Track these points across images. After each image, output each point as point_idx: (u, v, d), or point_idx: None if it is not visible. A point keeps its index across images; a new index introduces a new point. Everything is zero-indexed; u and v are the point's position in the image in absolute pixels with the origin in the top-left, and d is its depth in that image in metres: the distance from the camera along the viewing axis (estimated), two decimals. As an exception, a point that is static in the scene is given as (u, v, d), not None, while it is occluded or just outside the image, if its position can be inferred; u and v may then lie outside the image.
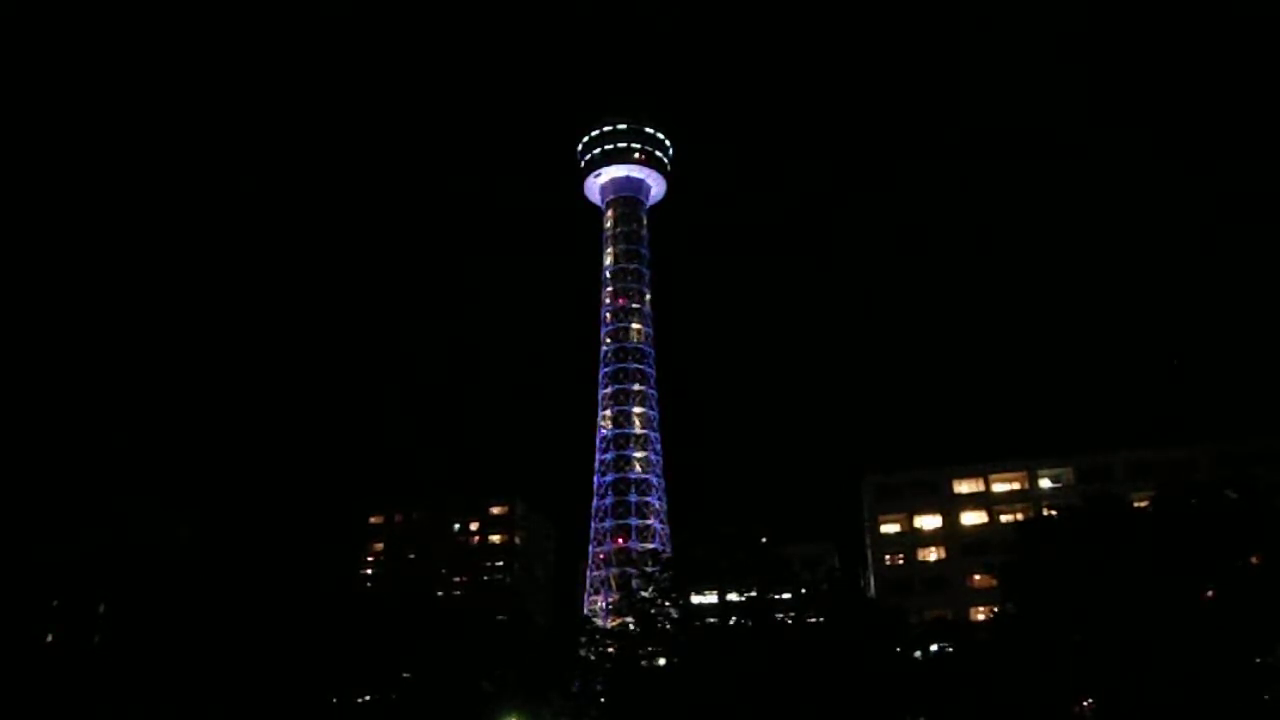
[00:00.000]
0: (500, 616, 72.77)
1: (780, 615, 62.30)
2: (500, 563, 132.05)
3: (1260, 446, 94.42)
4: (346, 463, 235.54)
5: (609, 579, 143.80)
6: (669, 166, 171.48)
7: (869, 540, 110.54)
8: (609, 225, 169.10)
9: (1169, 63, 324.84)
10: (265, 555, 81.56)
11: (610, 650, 65.86)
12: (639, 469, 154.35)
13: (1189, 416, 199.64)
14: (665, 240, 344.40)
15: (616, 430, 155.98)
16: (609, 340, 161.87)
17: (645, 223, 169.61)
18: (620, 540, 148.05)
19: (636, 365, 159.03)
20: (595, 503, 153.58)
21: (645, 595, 66.48)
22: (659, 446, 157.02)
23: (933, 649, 67.57)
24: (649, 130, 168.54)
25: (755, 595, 62.54)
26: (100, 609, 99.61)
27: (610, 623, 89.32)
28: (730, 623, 62.13)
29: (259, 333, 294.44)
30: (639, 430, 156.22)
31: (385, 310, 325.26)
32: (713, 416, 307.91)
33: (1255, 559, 54.42)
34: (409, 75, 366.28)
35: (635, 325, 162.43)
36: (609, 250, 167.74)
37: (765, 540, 69.45)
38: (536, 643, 68.37)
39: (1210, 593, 53.67)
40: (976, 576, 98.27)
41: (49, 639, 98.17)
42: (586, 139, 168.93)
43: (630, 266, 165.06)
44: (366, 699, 66.16)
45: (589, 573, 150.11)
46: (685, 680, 58.98)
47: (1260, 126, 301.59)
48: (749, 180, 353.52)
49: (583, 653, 66.19)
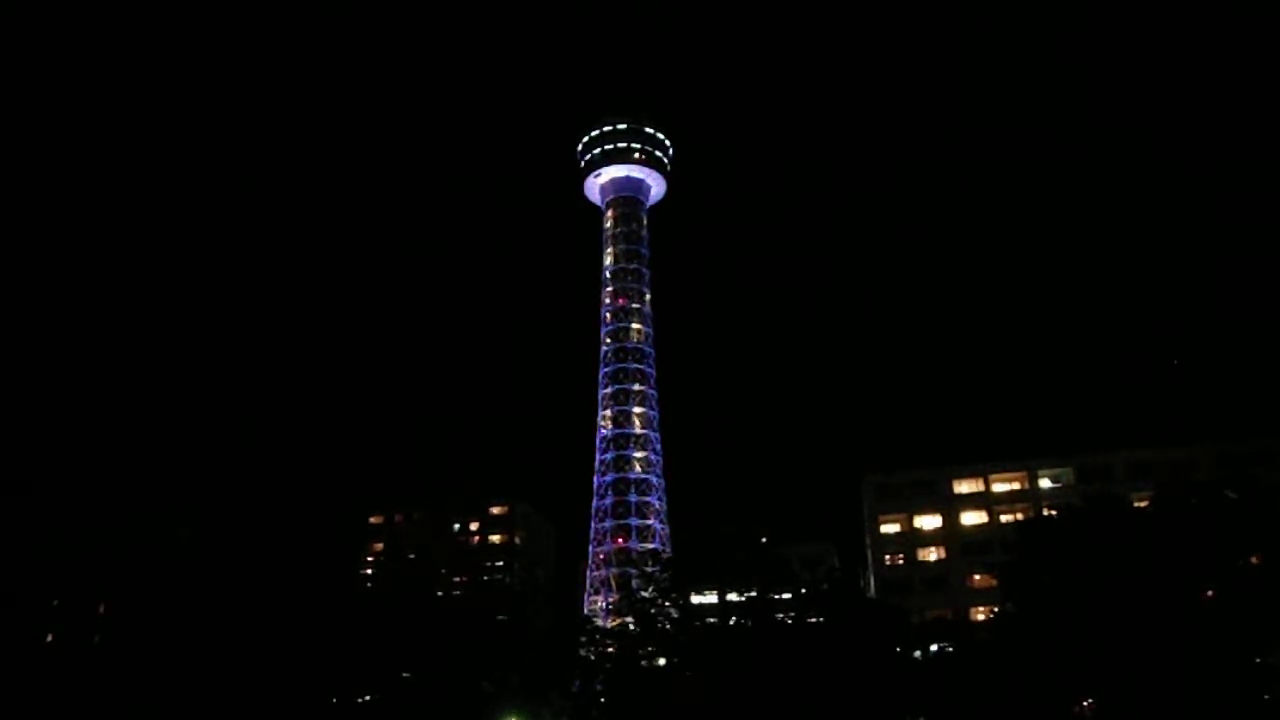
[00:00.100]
0: (500, 616, 72.64)
1: (780, 615, 62.23)
2: (500, 563, 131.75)
3: (1260, 446, 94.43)
4: (346, 463, 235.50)
5: (609, 579, 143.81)
6: (669, 166, 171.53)
7: (869, 540, 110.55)
8: (609, 225, 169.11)
9: (1169, 63, 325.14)
10: (265, 556, 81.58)
11: (610, 650, 65.80)
12: (639, 469, 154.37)
13: (1189, 416, 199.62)
14: (665, 240, 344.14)
15: (616, 430, 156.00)
16: (609, 340, 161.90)
17: (645, 223, 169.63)
18: (620, 540, 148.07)
19: (636, 365, 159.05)
20: (595, 503, 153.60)
21: (645, 595, 66.47)
22: (659, 446, 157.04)
23: (933, 649, 67.60)
24: (649, 130, 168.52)
25: (755, 595, 62.48)
26: (100, 609, 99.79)
27: (610, 623, 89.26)
28: (730, 623, 62.11)
29: (258, 333, 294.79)
30: (639, 430, 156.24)
31: (385, 310, 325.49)
32: (713, 416, 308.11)
33: (1255, 559, 54.48)
34: (409, 75, 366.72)
35: (635, 325, 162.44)
36: (609, 250, 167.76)
37: (765, 540, 69.49)
38: (536, 643, 68.30)
39: (1210, 593, 53.70)
40: (976, 576, 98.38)
41: (49, 639, 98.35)
42: (586, 139, 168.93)
43: (630, 266, 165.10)
44: (366, 699, 66.14)
45: (589, 573, 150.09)
46: (685, 680, 59.01)
47: (1260, 126, 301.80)
48: (749, 180, 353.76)
49: (583, 653, 66.13)
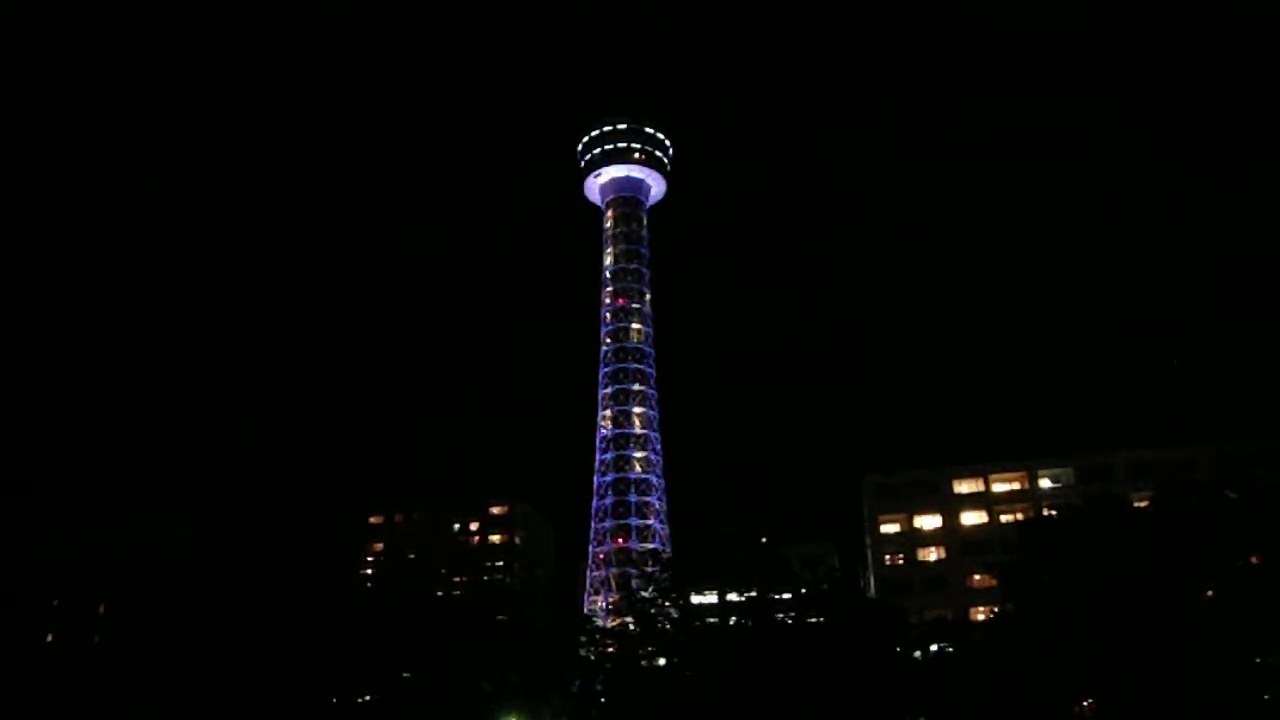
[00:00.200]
0: (500, 616, 72.66)
1: (780, 615, 62.22)
2: (500, 563, 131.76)
3: (1260, 446, 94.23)
4: (346, 463, 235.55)
5: (609, 579, 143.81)
6: (669, 166, 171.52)
7: (869, 540, 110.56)
8: (609, 225, 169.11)
9: (1169, 63, 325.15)
10: (265, 556, 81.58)
11: (610, 650, 65.80)
12: (639, 469, 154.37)
13: (1189, 416, 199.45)
14: (665, 240, 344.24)
15: (616, 430, 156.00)
16: (609, 340, 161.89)
17: (645, 223, 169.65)
18: (620, 540, 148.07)
19: (636, 365, 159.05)
20: (595, 503, 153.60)
21: (645, 595, 66.46)
22: (659, 446, 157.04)
23: (933, 649, 67.54)
24: (649, 130, 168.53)
25: (755, 595, 62.45)
26: (100, 609, 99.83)
27: (610, 623, 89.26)
28: (730, 623, 62.10)
29: (258, 333, 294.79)
30: (639, 430, 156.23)
31: (385, 310, 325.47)
32: (713, 416, 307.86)
33: (1255, 559, 54.44)
34: (409, 75, 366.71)
35: (635, 325, 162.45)
36: (609, 250, 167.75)
37: (765, 540, 69.47)
38: (536, 643, 68.30)
39: (1210, 593, 53.68)
40: (976, 576, 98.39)
41: (49, 639, 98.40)
42: (586, 139, 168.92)
43: (630, 266, 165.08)
44: (366, 699, 66.15)
45: (589, 573, 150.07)
46: (685, 680, 59.00)
47: (1260, 126, 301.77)
48: (749, 180, 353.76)
49: (583, 653, 66.13)
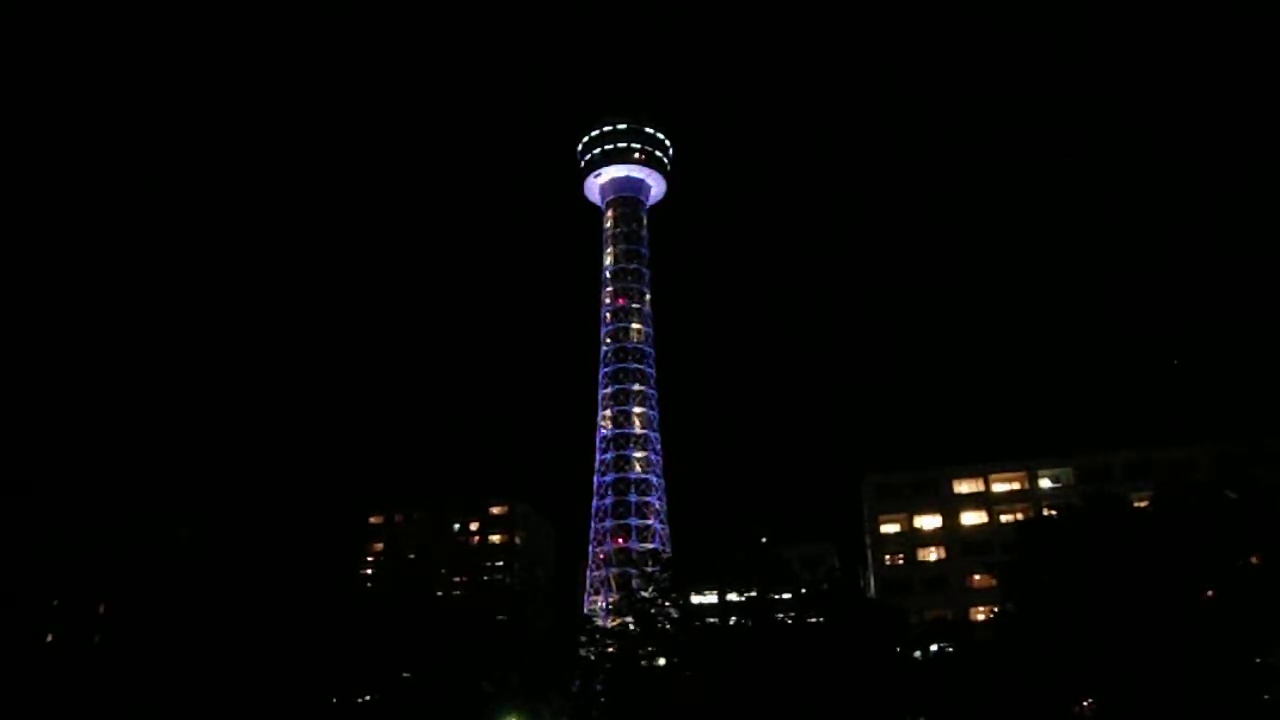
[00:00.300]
0: (500, 616, 72.67)
1: (780, 615, 62.23)
2: (500, 563, 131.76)
3: (1260, 446, 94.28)
4: (346, 463, 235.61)
5: (609, 579, 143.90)
6: (669, 166, 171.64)
7: (869, 540, 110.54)
8: (609, 225, 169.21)
9: (1169, 63, 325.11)
10: (265, 555, 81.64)
11: (610, 650, 65.82)
12: (639, 469, 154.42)
13: (1189, 416, 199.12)
14: (665, 240, 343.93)
15: (616, 430, 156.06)
16: (609, 340, 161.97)
17: (645, 223, 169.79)
18: (620, 540, 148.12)
19: (636, 365, 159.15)
20: (595, 503, 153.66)
21: (645, 595, 66.50)
22: (659, 446, 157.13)
23: (933, 649, 67.53)
24: (649, 130, 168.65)
25: (755, 595, 62.47)
26: (100, 609, 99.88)
27: (610, 623, 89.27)
28: (730, 623, 62.12)
29: (258, 333, 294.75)
30: (639, 430, 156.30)
31: (385, 310, 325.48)
32: (713, 416, 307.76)
33: (1255, 559, 54.44)
34: (409, 75, 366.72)
35: (635, 325, 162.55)
36: (609, 250, 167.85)
37: (765, 540, 69.55)
38: (536, 643, 68.30)
39: (1210, 593, 53.68)
40: (976, 576, 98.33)
41: (49, 639, 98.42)
42: (586, 139, 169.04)
43: (630, 266, 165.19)
44: (366, 699, 66.16)
45: (589, 573, 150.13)
46: (685, 680, 59.01)
47: (1260, 126, 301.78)
48: (749, 180, 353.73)
49: (583, 653, 66.13)
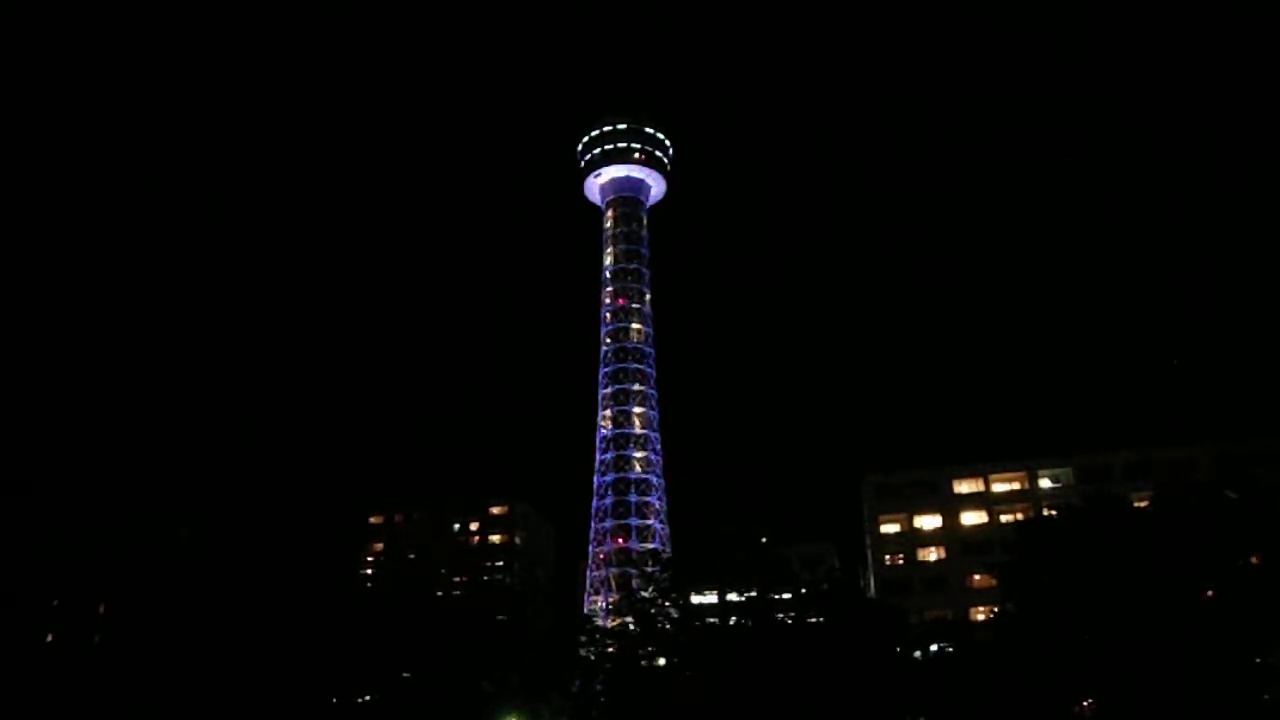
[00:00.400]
0: (500, 616, 72.69)
1: (780, 615, 62.22)
2: (500, 563, 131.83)
3: (1260, 446, 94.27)
4: (346, 463, 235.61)
5: (609, 579, 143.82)
6: (669, 166, 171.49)
7: (869, 540, 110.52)
8: (609, 225, 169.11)
9: (1169, 63, 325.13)
10: (265, 555, 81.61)
11: (610, 650, 65.80)
12: (639, 469, 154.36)
13: (1189, 416, 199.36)
14: (665, 240, 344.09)
15: (616, 430, 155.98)
16: (609, 340, 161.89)
17: (645, 223, 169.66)
18: (620, 540, 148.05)
19: (636, 365, 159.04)
20: (595, 503, 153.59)
21: (645, 595, 66.45)
22: (659, 446, 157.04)
23: (933, 649, 67.53)
24: (649, 130, 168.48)
25: (755, 595, 62.46)
26: (100, 609, 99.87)
27: (610, 623, 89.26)
28: (730, 623, 62.10)
29: (258, 333, 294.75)
30: (639, 430, 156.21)
31: (385, 310, 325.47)
32: (713, 416, 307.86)
33: (1255, 559, 54.43)
34: (409, 75, 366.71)
35: (635, 325, 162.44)
36: (609, 250, 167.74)
37: (765, 540, 69.49)
38: (536, 643, 68.31)
39: (1210, 593, 53.67)
40: (976, 576, 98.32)
41: (49, 639, 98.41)
42: (586, 139, 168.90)
43: (630, 266, 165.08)
44: (366, 699, 66.16)
45: (589, 573, 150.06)
46: (685, 680, 58.99)
47: (1260, 126, 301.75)
48: (749, 180, 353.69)
49: (583, 653, 66.13)
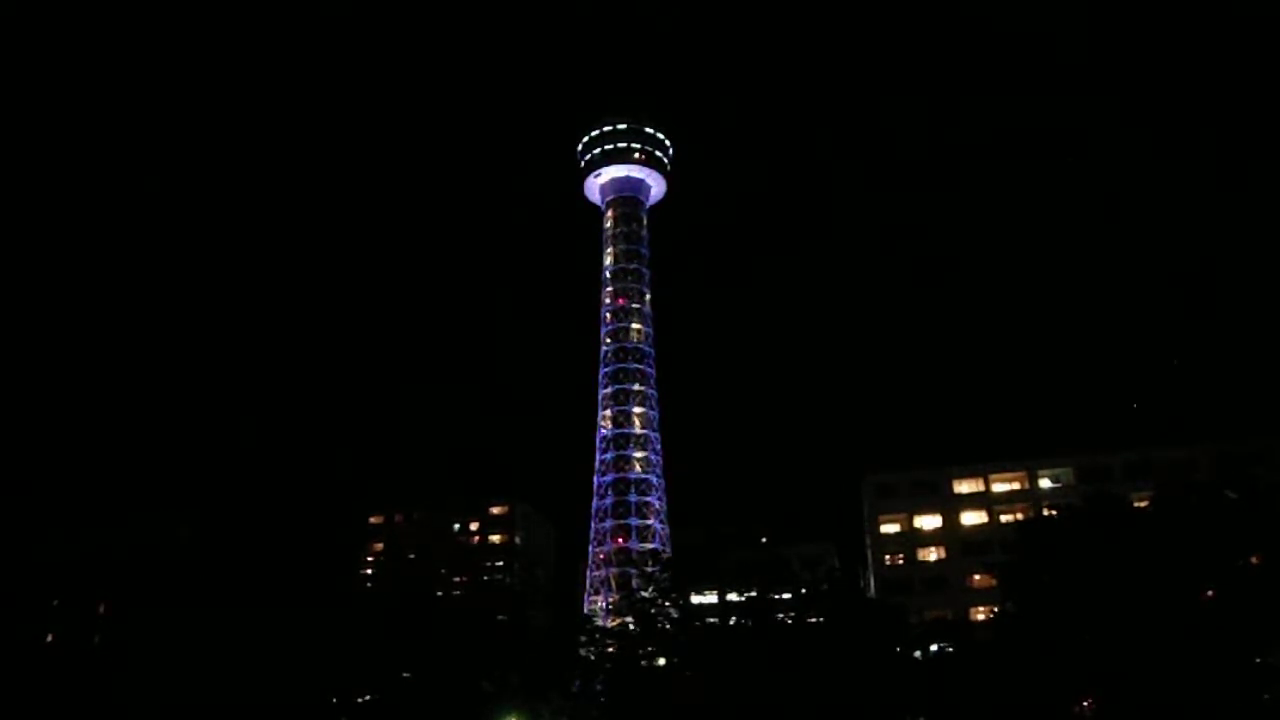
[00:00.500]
0: (500, 616, 72.67)
1: (780, 615, 62.27)
2: (500, 563, 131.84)
3: (1260, 446, 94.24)
4: (346, 463, 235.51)
5: (609, 579, 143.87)
6: (669, 166, 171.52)
7: (869, 540, 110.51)
8: (609, 225, 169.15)
9: (1169, 63, 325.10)
10: (265, 556, 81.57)
11: (610, 650, 65.86)
12: (639, 469, 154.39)
13: (1189, 416, 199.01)
14: (665, 240, 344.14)
15: (616, 430, 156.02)
16: (609, 340, 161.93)
17: (645, 223, 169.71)
18: (620, 540, 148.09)
19: (636, 365, 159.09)
20: (595, 503, 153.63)
21: (645, 595, 66.55)
22: (659, 446, 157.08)
23: (933, 649, 67.55)
24: (649, 130, 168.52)
25: (755, 595, 62.54)
26: (100, 609, 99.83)
27: (610, 623, 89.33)
28: (730, 623, 62.15)
29: (258, 333, 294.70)
30: (639, 430, 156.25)
31: (384, 310, 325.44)
32: (713, 416, 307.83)
33: (1255, 559, 54.42)
34: (409, 75, 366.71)
35: (635, 325, 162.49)
36: (609, 250, 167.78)
37: (765, 540, 69.73)
38: (536, 643, 68.30)
39: (1210, 593, 53.67)
40: (976, 576, 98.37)
41: (49, 639, 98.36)
42: (586, 139, 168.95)
43: (630, 266, 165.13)
44: (366, 699, 66.15)
45: (589, 573, 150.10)
46: (685, 680, 59.02)
47: (1260, 126, 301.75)
48: (749, 180, 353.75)
49: (583, 653, 66.17)
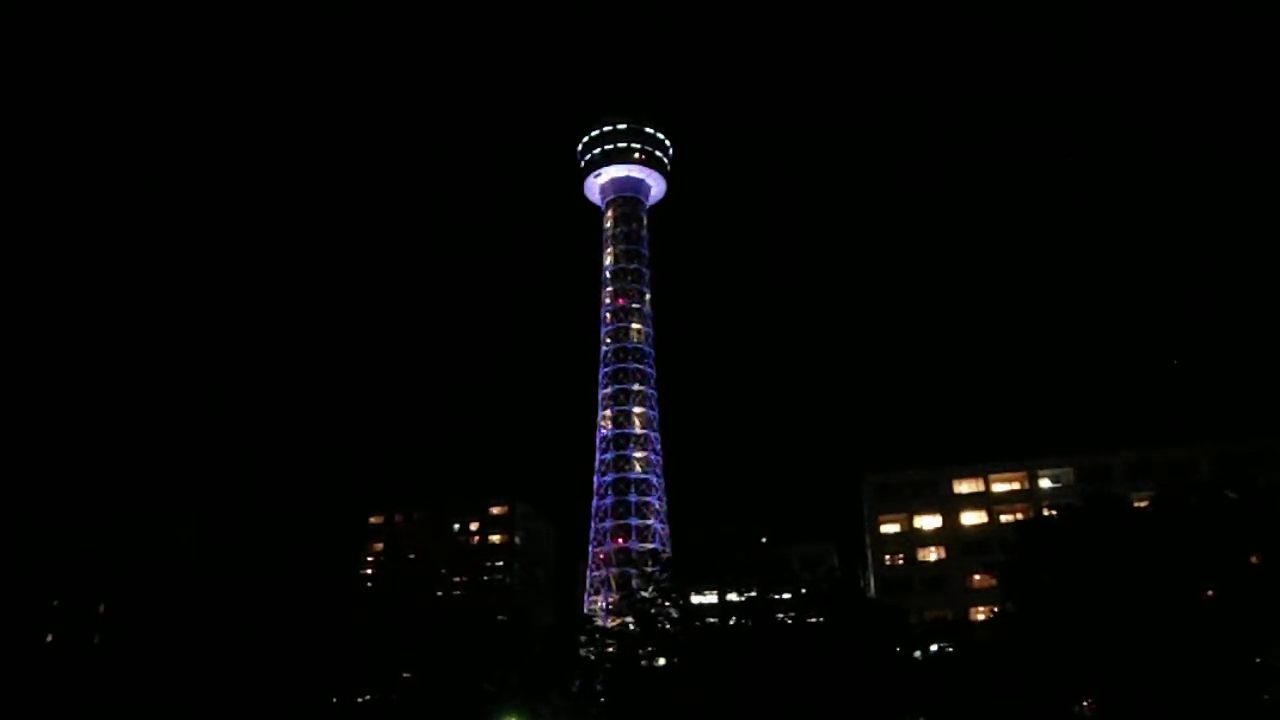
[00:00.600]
0: (500, 616, 72.82)
1: (780, 615, 62.26)
2: (500, 563, 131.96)
3: (1260, 446, 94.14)
4: (346, 463, 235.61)
5: (609, 579, 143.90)
6: (669, 166, 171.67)
7: (869, 540, 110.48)
8: (609, 225, 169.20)
9: (1169, 63, 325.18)
10: (265, 555, 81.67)
11: (610, 650, 65.87)
12: (639, 469, 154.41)
13: (1189, 416, 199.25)
14: (665, 240, 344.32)
15: (616, 430, 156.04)
16: (609, 340, 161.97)
17: (645, 223, 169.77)
18: (620, 540, 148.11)
19: (636, 365, 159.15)
20: (595, 503, 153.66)
21: (645, 595, 66.52)
22: (659, 446, 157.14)
23: (933, 649, 67.54)
24: (649, 130, 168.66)
25: (755, 595, 62.50)
26: (100, 609, 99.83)
27: (610, 623, 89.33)
28: (730, 623, 62.12)
29: (258, 334, 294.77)
30: (639, 430, 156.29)
31: (385, 310, 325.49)
32: (713, 416, 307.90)
33: (1255, 559, 54.40)
34: (409, 75, 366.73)
35: (635, 325, 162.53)
36: (609, 250, 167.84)
37: (765, 540, 69.63)
38: (537, 643, 68.42)
39: (1210, 593, 53.66)
40: (976, 576, 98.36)
41: (49, 639, 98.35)
42: (586, 139, 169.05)
43: (630, 266, 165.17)
44: (366, 699, 66.20)
45: (589, 573, 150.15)
46: (685, 680, 59.00)
47: (1260, 126, 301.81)
48: (749, 180, 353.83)
49: (583, 653, 66.23)
